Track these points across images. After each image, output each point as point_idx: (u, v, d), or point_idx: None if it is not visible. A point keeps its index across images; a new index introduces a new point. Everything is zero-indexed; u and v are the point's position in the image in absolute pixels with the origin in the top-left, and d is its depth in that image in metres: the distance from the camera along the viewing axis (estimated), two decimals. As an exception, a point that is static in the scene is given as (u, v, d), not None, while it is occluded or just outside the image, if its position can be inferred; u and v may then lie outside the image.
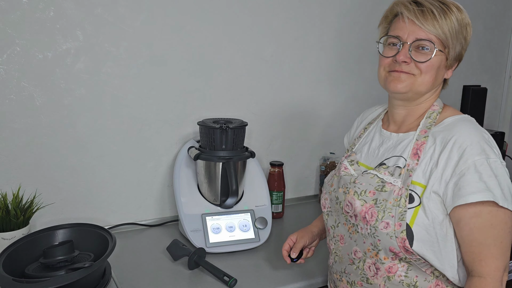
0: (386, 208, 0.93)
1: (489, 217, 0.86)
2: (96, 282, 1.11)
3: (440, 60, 0.97)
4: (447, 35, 0.95)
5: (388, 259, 0.95)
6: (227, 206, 1.45)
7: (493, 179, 0.85)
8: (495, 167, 0.87)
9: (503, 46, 2.49)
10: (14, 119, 1.35)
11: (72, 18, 1.38)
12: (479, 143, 0.88)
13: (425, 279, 0.94)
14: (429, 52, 0.95)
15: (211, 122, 1.45)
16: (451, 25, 0.94)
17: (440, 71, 0.99)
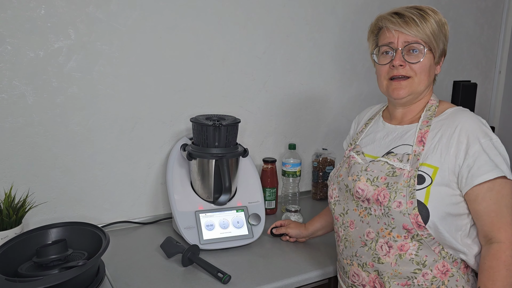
0: (397, 190, 1.02)
1: (500, 189, 0.98)
2: (90, 280, 1.11)
3: (429, 59, 1.08)
4: (430, 36, 1.06)
5: (401, 237, 1.02)
6: (221, 203, 1.45)
7: (499, 157, 0.98)
8: (498, 146, 1.00)
9: (493, 42, 2.52)
10: (6, 118, 1.35)
11: (64, 16, 1.37)
12: (481, 127, 1.01)
13: (434, 259, 1.02)
14: (419, 53, 1.06)
15: (204, 118, 1.45)
16: (432, 27, 1.06)
17: (431, 69, 1.10)
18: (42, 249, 1.09)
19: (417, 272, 1.02)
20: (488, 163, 0.97)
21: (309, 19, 1.84)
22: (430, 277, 1.02)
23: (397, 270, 1.03)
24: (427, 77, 1.08)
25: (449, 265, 1.02)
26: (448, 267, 1.02)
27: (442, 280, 1.02)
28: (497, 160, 0.98)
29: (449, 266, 1.02)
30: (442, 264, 1.02)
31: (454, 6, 2.29)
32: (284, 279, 1.23)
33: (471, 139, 0.99)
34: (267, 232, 1.48)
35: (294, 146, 1.78)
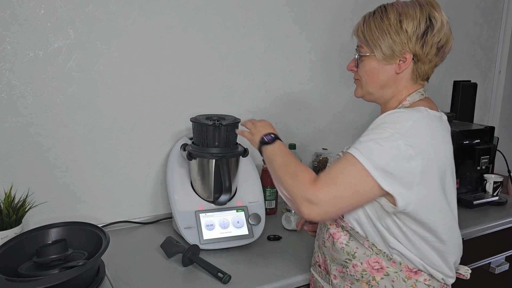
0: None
1: (346, 158, 0.95)
2: (90, 280, 1.11)
3: (371, 62, 1.06)
4: (367, 39, 1.05)
5: (333, 225, 1.07)
6: (221, 203, 1.45)
7: (370, 141, 0.93)
8: (382, 137, 0.93)
9: (493, 42, 2.52)
10: (6, 118, 1.34)
11: (63, 16, 1.37)
12: (393, 121, 0.94)
13: (364, 252, 1.02)
14: (362, 57, 1.07)
15: (204, 118, 1.45)
16: (368, 29, 1.04)
17: (378, 71, 1.05)
18: (42, 249, 1.09)
19: (348, 262, 1.04)
20: (360, 142, 0.95)
21: (309, 19, 1.84)
22: (360, 270, 1.03)
23: (334, 255, 1.08)
24: (373, 79, 1.06)
25: (384, 263, 1.01)
26: (383, 265, 1.01)
27: (373, 275, 1.02)
28: (366, 144, 0.94)
29: (384, 264, 1.01)
30: (374, 260, 1.01)
31: (453, 6, 2.29)
32: (284, 279, 1.23)
33: (377, 123, 0.97)
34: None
35: (294, 146, 1.78)
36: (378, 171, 0.91)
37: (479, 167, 1.86)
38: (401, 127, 0.93)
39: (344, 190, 0.93)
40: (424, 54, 1.02)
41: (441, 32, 1.02)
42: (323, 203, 0.92)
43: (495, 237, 1.72)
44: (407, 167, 0.91)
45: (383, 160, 0.91)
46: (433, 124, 0.98)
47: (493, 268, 1.75)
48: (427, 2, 1.03)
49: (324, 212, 0.94)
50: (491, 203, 1.85)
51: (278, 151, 1.08)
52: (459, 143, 1.79)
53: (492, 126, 1.91)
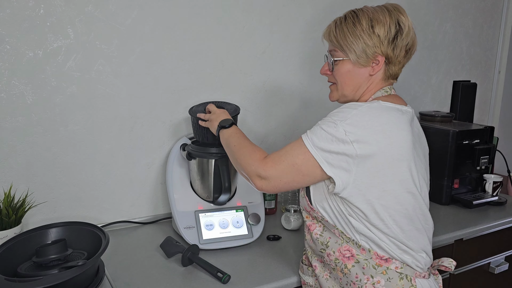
0: None
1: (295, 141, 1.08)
2: (89, 280, 1.11)
3: (345, 64, 1.10)
4: (341, 43, 1.09)
5: (309, 217, 1.15)
6: (220, 203, 1.45)
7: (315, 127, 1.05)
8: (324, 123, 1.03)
9: (493, 42, 2.52)
10: (5, 118, 1.34)
11: (63, 16, 1.37)
12: (337, 111, 1.05)
13: (336, 241, 1.08)
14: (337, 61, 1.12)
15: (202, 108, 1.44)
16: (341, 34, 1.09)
17: (352, 73, 1.10)
18: (41, 249, 1.09)
19: (323, 251, 1.11)
20: (310, 129, 1.06)
21: (309, 19, 1.83)
22: (333, 258, 1.09)
23: (312, 246, 1.15)
24: (348, 81, 1.12)
25: (354, 250, 1.06)
26: (353, 253, 1.06)
27: (345, 263, 1.07)
28: (313, 129, 1.05)
29: (354, 251, 1.06)
30: (345, 248, 1.07)
31: (453, 6, 2.29)
32: (284, 279, 1.23)
33: (330, 113, 1.06)
34: None
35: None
36: (317, 152, 1.01)
37: (478, 167, 1.86)
38: (344, 115, 1.02)
39: (287, 167, 1.05)
40: (395, 56, 1.08)
41: (409, 35, 1.08)
42: (270, 177, 1.06)
43: (495, 237, 1.72)
44: (344, 150, 0.99)
45: (322, 142, 1.01)
46: (382, 113, 1.03)
47: (493, 268, 1.75)
48: (394, 7, 1.09)
49: (272, 185, 1.07)
50: (491, 203, 1.85)
51: (234, 133, 1.23)
52: (459, 143, 1.79)
53: (492, 126, 1.91)
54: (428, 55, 2.25)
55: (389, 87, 1.13)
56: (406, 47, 1.08)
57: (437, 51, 2.28)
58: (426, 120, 2.02)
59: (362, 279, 1.05)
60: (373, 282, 1.04)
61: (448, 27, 2.29)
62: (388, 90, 1.12)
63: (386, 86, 1.12)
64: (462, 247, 1.61)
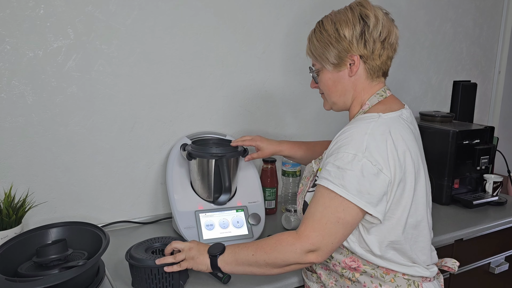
0: (303, 190, 1.12)
1: (321, 195, 0.98)
2: (90, 280, 1.11)
3: (326, 74, 1.10)
4: (316, 56, 1.11)
5: None
6: (220, 203, 1.45)
7: (336, 170, 0.96)
8: (346, 161, 0.95)
9: (493, 42, 2.52)
10: (5, 118, 1.34)
11: (63, 16, 1.37)
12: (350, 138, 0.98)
13: (341, 253, 1.07)
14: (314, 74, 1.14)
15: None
16: (313, 46, 1.11)
17: (338, 81, 1.09)
18: (42, 249, 1.09)
19: (328, 262, 1.09)
20: (328, 171, 0.97)
21: (309, 19, 1.83)
22: (339, 268, 1.07)
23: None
24: (333, 89, 1.10)
25: (360, 261, 1.05)
26: (359, 263, 1.05)
27: (352, 272, 1.06)
28: (332, 172, 0.96)
29: (360, 262, 1.05)
30: (351, 259, 1.05)
31: (453, 6, 2.29)
32: (284, 279, 1.23)
33: (336, 146, 0.99)
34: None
35: (294, 146, 1.78)
36: (355, 196, 0.94)
37: (478, 167, 1.86)
38: (359, 145, 0.96)
39: (333, 227, 0.95)
40: (370, 51, 1.04)
41: (378, 26, 1.04)
42: (321, 246, 0.96)
43: (495, 237, 1.72)
44: (379, 183, 0.95)
45: (356, 184, 0.94)
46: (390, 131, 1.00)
47: (493, 268, 1.75)
48: (357, 3, 1.07)
49: (330, 251, 0.98)
50: (491, 203, 1.85)
51: (237, 248, 1.06)
52: (459, 143, 1.79)
53: (492, 126, 1.91)
54: (428, 55, 2.25)
55: (383, 89, 1.10)
56: (380, 38, 1.04)
57: (437, 51, 2.28)
58: (426, 120, 2.02)
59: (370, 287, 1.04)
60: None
61: (448, 27, 2.29)
62: (383, 93, 1.09)
63: (380, 89, 1.09)
64: (462, 247, 1.61)
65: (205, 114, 1.67)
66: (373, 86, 1.09)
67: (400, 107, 1.09)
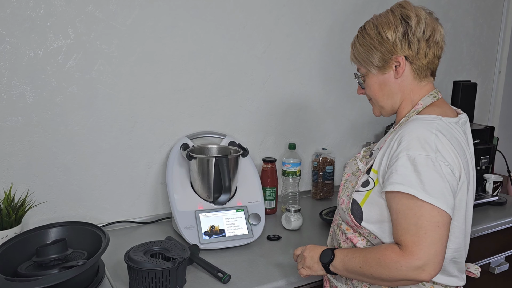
0: (347, 188, 1.09)
1: (406, 206, 0.92)
2: (89, 280, 1.11)
3: (371, 78, 1.10)
4: (360, 60, 1.10)
5: (350, 230, 1.08)
6: (221, 203, 1.45)
7: (412, 173, 0.92)
8: (420, 163, 0.92)
9: (493, 42, 2.52)
10: (5, 118, 1.34)
11: (63, 16, 1.37)
12: (417, 139, 0.95)
13: None
14: (360, 80, 1.13)
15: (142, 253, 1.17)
16: (356, 51, 1.11)
17: (384, 84, 1.08)
18: (41, 249, 1.09)
19: None
20: (402, 175, 0.93)
21: (309, 19, 1.83)
22: None
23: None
24: (380, 93, 1.09)
25: None
26: None
27: None
28: (410, 177, 0.92)
29: None
30: None
31: (453, 6, 2.29)
32: (284, 278, 1.23)
33: (399, 148, 0.96)
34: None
35: (294, 146, 1.78)
36: (438, 199, 0.90)
37: (479, 167, 1.86)
38: (429, 145, 0.93)
39: (434, 235, 0.90)
40: (415, 51, 1.03)
41: (421, 25, 1.02)
42: (429, 260, 0.89)
43: (495, 237, 1.72)
44: (453, 181, 0.94)
45: (438, 188, 0.91)
46: (450, 133, 0.99)
47: (493, 268, 1.75)
48: (397, 5, 1.07)
49: (436, 263, 0.90)
50: (491, 203, 1.85)
51: (345, 257, 1.02)
52: (459, 143, 1.79)
53: (492, 126, 1.91)
54: (428, 55, 2.25)
55: (436, 91, 1.08)
56: (424, 37, 1.02)
57: (437, 51, 2.28)
58: (426, 120, 2.02)
59: None
60: None
61: (448, 27, 2.29)
62: (436, 95, 1.07)
63: (432, 90, 1.08)
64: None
65: (205, 114, 1.67)
66: (423, 86, 1.07)
67: (454, 114, 1.07)
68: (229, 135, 1.69)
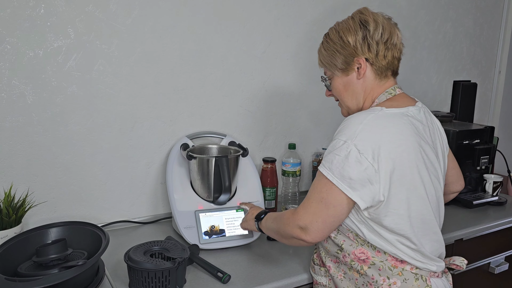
0: None
1: (316, 179, 1.06)
2: (89, 280, 1.11)
3: (336, 80, 1.16)
4: (325, 64, 1.17)
5: None
6: (220, 203, 1.45)
7: (329, 154, 1.04)
8: (335, 146, 1.03)
9: (493, 42, 2.52)
10: (5, 117, 1.34)
11: (63, 16, 1.37)
12: (344, 127, 1.04)
13: (351, 244, 1.09)
14: (327, 82, 1.20)
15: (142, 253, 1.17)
16: (322, 55, 1.18)
17: (348, 84, 1.14)
18: (41, 249, 1.09)
19: (338, 253, 1.12)
20: (325, 156, 1.05)
21: (309, 19, 1.84)
22: (348, 260, 1.09)
23: (327, 247, 1.15)
24: (345, 93, 1.15)
25: (369, 253, 1.07)
26: (368, 255, 1.07)
27: (360, 265, 1.08)
28: (326, 156, 1.04)
29: (369, 254, 1.07)
30: (360, 251, 1.08)
31: (453, 6, 2.29)
32: (284, 278, 1.23)
33: (336, 132, 1.06)
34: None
35: (294, 146, 1.78)
36: (339, 179, 1.00)
37: (478, 167, 1.86)
38: (351, 133, 1.01)
39: (317, 206, 1.03)
40: (374, 53, 1.09)
41: (378, 29, 1.09)
42: (309, 224, 1.03)
43: (495, 237, 1.72)
44: (362, 170, 0.99)
45: (340, 168, 1.00)
46: (386, 123, 1.03)
47: (493, 268, 1.75)
48: (357, 11, 1.15)
49: (316, 230, 1.03)
50: (491, 203, 1.85)
51: (269, 217, 1.24)
52: (459, 143, 1.79)
53: (492, 126, 1.91)
54: (428, 55, 2.25)
55: (393, 88, 1.13)
56: (382, 40, 1.09)
57: (437, 51, 2.28)
58: (426, 120, 2.02)
59: (378, 280, 1.05)
60: (389, 283, 1.05)
61: (448, 27, 2.29)
62: (391, 91, 1.12)
63: (389, 87, 1.12)
64: (462, 247, 1.61)
65: (205, 114, 1.67)
66: (382, 85, 1.13)
67: (408, 104, 1.11)
68: (229, 135, 1.69)
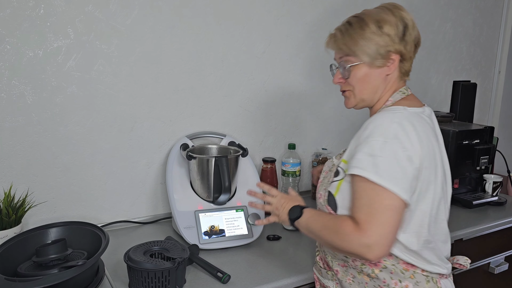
0: (324, 183, 1.12)
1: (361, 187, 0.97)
2: (89, 280, 1.11)
3: (360, 69, 1.08)
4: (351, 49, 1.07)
5: None
6: (220, 203, 1.45)
7: (369, 157, 0.96)
8: (377, 148, 0.96)
9: (493, 42, 2.52)
10: (5, 118, 1.34)
11: (63, 16, 1.37)
12: (378, 127, 0.99)
13: None
14: (349, 68, 1.09)
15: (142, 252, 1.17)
16: (350, 39, 1.08)
17: (369, 76, 1.09)
18: (41, 249, 1.09)
19: (347, 257, 1.08)
20: (359, 160, 0.98)
21: (309, 19, 1.84)
22: (359, 264, 1.07)
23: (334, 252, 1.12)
24: (366, 85, 1.09)
25: None
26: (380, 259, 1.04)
27: (372, 268, 1.06)
28: (367, 160, 0.96)
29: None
30: None
31: (453, 6, 2.29)
32: (283, 278, 1.23)
33: (363, 135, 1.01)
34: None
35: (293, 146, 1.78)
36: (390, 182, 0.94)
37: (478, 167, 1.86)
38: (388, 132, 0.97)
39: (384, 217, 0.93)
40: (407, 52, 1.08)
41: (414, 30, 1.09)
42: (377, 241, 0.93)
43: (495, 237, 1.72)
44: (410, 168, 0.96)
45: (390, 169, 0.95)
46: (415, 123, 1.02)
47: (493, 268, 1.75)
48: (393, 6, 1.10)
49: (384, 245, 0.93)
50: (491, 203, 1.85)
51: (310, 218, 1.08)
52: (459, 143, 1.79)
53: (492, 126, 1.90)
54: (428, 55, 2.25)
55: (405, 88, 1.13)
56: (414, 41, 1.09)
57: (437, 51, 2.28)
58: (426, 120, 2.02)
59: (390, 284, 1.04)
60: (401, 287, 1.04)
61: (448, 27, 2.29)
62: (405, 91, 1.12)
63: (402, 87, 1.12)
64: (462, 247, 1.61)
65: (205, 114, 1.67)
66: (398, 83, 1.12)
67: (421, 105, 1.12)
68: (229, 135, 1.69)
